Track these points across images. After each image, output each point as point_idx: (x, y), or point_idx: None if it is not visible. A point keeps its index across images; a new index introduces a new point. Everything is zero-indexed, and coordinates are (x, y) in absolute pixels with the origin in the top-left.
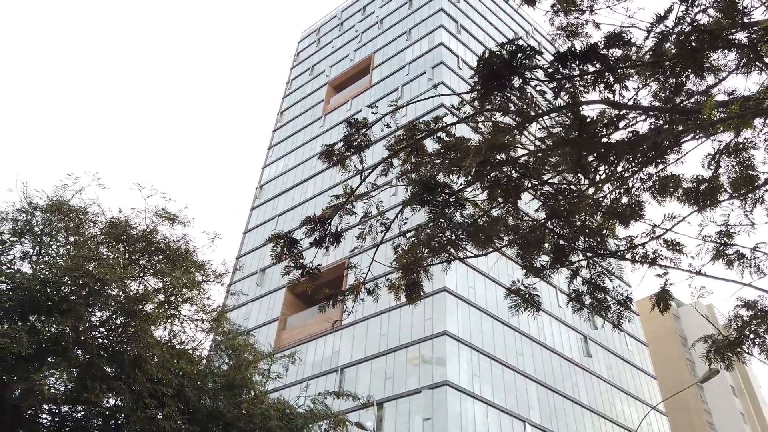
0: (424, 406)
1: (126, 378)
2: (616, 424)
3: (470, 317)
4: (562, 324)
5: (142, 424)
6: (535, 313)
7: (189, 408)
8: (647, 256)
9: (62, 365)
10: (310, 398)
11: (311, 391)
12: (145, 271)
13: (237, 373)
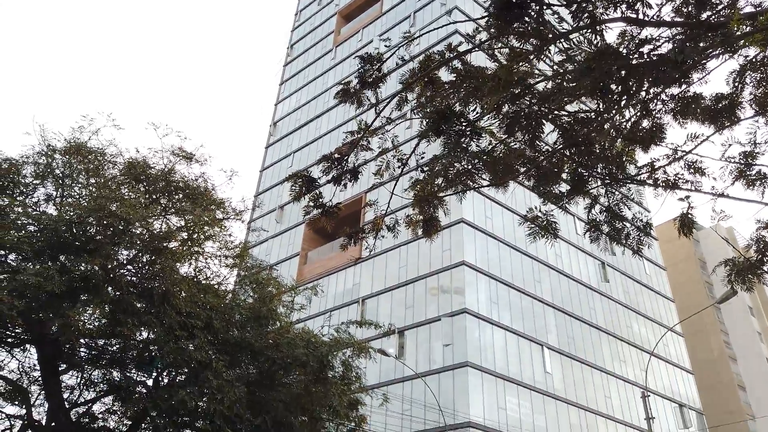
0: (443, 333)
1: (156, 312)
2: (633, 345)
3: (488, 247)
4: (580, 251)
5: (174, 354)
6: (552, 240)
7: (218, 339)
8: (668, 180)
9: (94, 302)
10: (334, 327)
11: (334, 321)
12: (166, 210)
13: (262, 305)
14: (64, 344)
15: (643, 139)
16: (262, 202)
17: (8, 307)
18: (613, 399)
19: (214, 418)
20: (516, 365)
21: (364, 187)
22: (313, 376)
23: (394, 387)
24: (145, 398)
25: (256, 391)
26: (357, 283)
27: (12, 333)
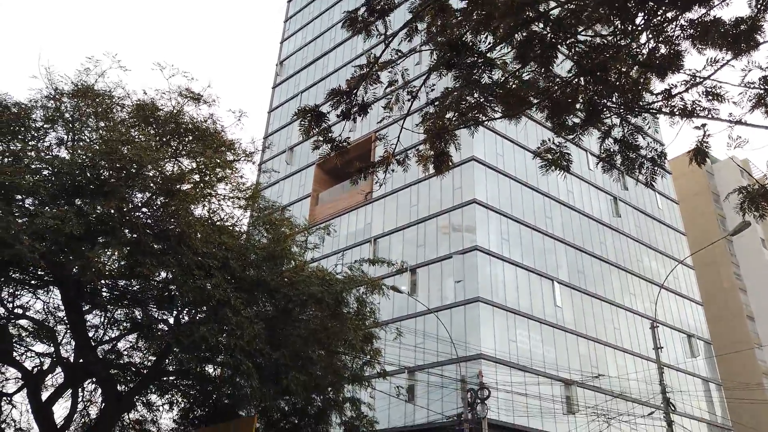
0: (455, 270)
1: (173, 253)
2: (643, 279)
3: (499, 184)
4: (592, 186)
5: (193, 293)
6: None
7: (235, 278)
8: (685, 107)
9: (112, 244)
10: (347, 266)
11: (347, 260)
12: (177, 152)
13: (276, 245)
14: (85, 285)
15: (659, 66)
16: (272, 143)
17: (30, 250)
18: (622, 331)
19: (235, 352)
20: (526, 300)
21: (373, 126)
22: (329, 312)
23: (407, 322)
24: (167, 335)
25: (274, 327)
26: (368, 222)
27: (35, 275)
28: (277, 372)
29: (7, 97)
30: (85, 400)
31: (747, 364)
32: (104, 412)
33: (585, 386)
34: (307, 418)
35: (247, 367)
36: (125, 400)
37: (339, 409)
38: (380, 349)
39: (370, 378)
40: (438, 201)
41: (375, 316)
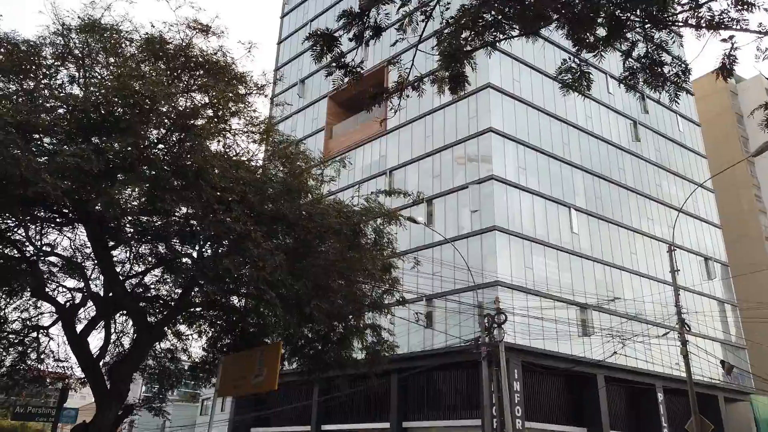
0: (471, 200)
1: (192, 188)
2: (661, 203)
3: (515, 112)
4: (611, 110)
5: (214, 227)
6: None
7: (253, 212)
8: (713, 18)
9: (132, 180)
10: (363, 198)
11: (363, 192)
12: (189, 86)
13: (293, 179)
14: (109, 222)
15: None
16: (283, 75)
17: (53, 188)
18: (638, 255)
19: (258, 283)
20: (543, 227)
21: (386, 56)
22: (347, 243)
23: (424, 252)
24: (192, 268)
25: (295, 259)
26: (384, 155)
27: (60, 213)
28: (299, 301)
29: (16, 35)
30: (117, 332)
31: (764, 285)
32: (137, 342)
33: (600, 309)
34: (330, 344)
35: (270, 297)
36: (156, 330)
37: (360, 335)
38: (399, 278)
39: (389, 306)
40: (453, 130)
41: (393, 246)
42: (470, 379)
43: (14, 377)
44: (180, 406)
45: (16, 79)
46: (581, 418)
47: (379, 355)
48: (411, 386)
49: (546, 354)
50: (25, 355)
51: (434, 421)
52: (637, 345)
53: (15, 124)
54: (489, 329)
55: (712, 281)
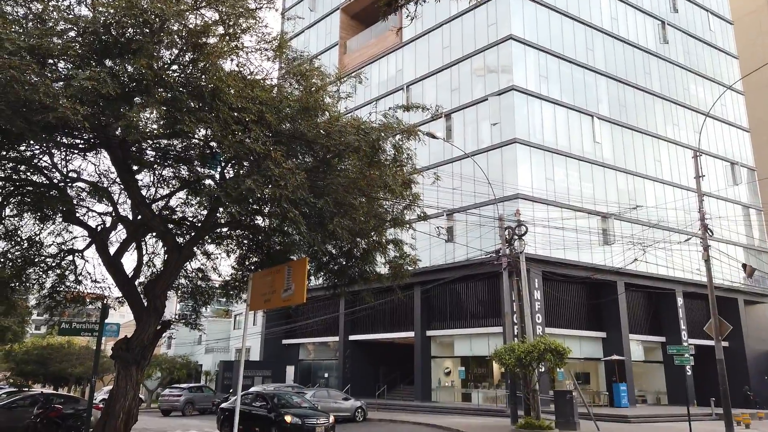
0: (491, 113)
1: (210, 109)
2: (688, 108)
3: (537, 17)
4: (638, 11)
5: (234, 148)
6: None
7: (272, 131)
8: None
9: (149, 103)
10: (381, 114)
11: (380, 108)
12: (198, 3)
13: (309, 96)
14: (131, 146)
15: None
16: None
17: (73, 113)
18: (662, 163)
19: (281, 202)
20: (565, 138)
21: None
22: (367, 161)
23: (444, 167)
24: (216, 189)
25: (315, 178)
26: (400, 69)
27: (82, 138)
28: (322, 219)
29: None
30: (149, 253)
31: None
32: (168, 262)
33: (622, 218)
34: (354, 260)
35: (293, 215)
36: (185, 250)
37: (383, 250)
38: (419, 194)
39: (410, 221)
40: (472, 40)
41: (412, 162)
42: (491, 290)
43: (55, 298)
44: (214, 321)
45: (24, 3)
46: (600, 323)
47: (401, 268)
48: (434, 298)
49: (566, 263)
50: (63, 277)
51: (457, 329)
52: (658, 251)
53: (28, 49)
54: (510, 241)
55: (738, 186)
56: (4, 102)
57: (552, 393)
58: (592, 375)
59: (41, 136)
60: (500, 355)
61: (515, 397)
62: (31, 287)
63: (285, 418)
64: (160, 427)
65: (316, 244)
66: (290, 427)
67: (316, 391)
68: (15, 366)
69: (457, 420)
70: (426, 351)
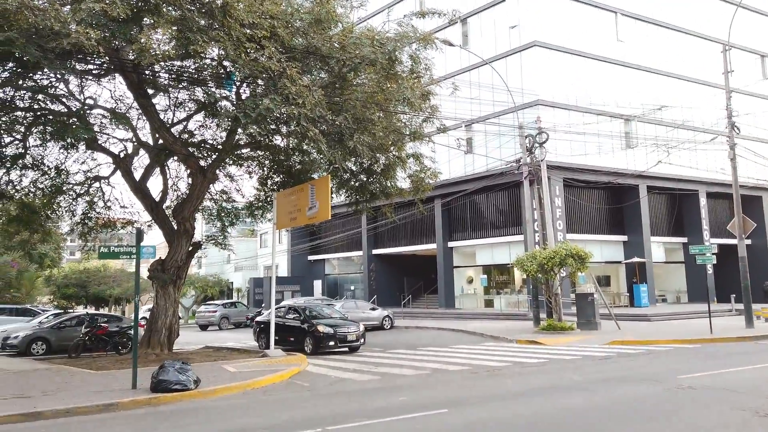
0: (509, 14)
1: (221, 27)
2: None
3: None
4: None
5: (249, 66)
6: None
7: (285, 48)
8: None
9: (160, 23)
10: (396, 22)
11: (394, 16)
12: None
13: (320, 8)
14: (144, 69)
15: None
16: None
17: (86, 38)
18: (689, 59)
19: (300, 120)
20: (586, 39)
21: None
22: (384, 73)
23: (461, 76)
24: (233, 111)
25: (332, 94)
26: None
27: (95, 64)
28: (341, 136)
29: None
30: (173, 177)
31: None
32: (193, 185)
33: (645, 120)
34: (374, 175)
35: (313, 133)
36: (209, 173)
37: (403, 164)
38: (437, 106)
39: (429, 134)
40: None
41: (430, 73)
42: (512, 199)
43: (87, 224)
44: (241, 240)
45: None
46: (622, 227)
47: (422, 182)
48: (455, 209)
49: (587, 169)
50: (93, 203)
51: (478, 239)
52: (682, 152)
53: None
54: (530, 149)
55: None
56: (16, 29)
57: (573, 296)
58: (612, 278)
59: (56, 63)
60: (522, 262)
61: (537, 301)
62: (62, 215)
63: (318, 328)
64: (200, 340)
65: (336, 162)
66: (323, 336)
67: (345, 302)
68: (57, 290)
69: (481, 324)
70: (448, 261)
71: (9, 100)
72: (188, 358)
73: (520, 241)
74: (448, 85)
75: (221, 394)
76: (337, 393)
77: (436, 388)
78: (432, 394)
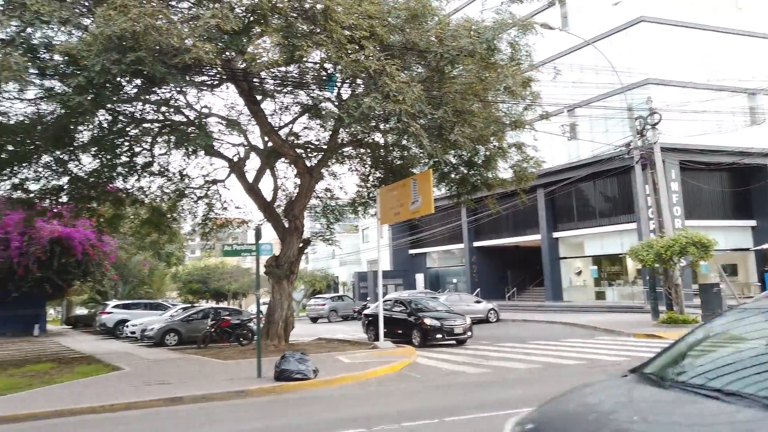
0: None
1: (323, 31)
2: None
3: None
4: None
5: (351, 67)
6: None
7: (384, 46)
8: None
9: (267, 32)
10: (493, 10)
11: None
12: None
13: (416, 3)
14: (254, 77)
15: None
16: None
17: (204, 51)
18: None
19: (401, 116)
20: (699, 8)
21: None
22: (483, 63)
23: (561, 59)
24: (335, 113)
25: (431, 88)
26: None
27: (209, 75)
28: (441, 129)
29: None
30: (281, 177)
31: None
32: (301, 185)
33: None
34: (475, 167)
35: (414, 128)
36: (315, 172)
37: (504, 154)
38: (539, 92)
39: (531, 122)
40: None
41: (531, 59)
42: (621, 186)
43: (207, 224)
44: (344, 236)
45: None
46: (749, 211)
47: (525, 172)
48: (559, 199)
49: (707, 150)
50: (211, 205)
51: (585, 229)
52: None
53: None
54: (641, 132)
55: None
56: (144, 49)
57: (696, 287)
58: (739, 266)
59: (178, 77)
60: (637, 252)
61: (655, 292)
62: (185, 216)
63: (424, 321)
64: (312, 332)
65: (437, 155)
66: (430, 329)
67: (448, 295)
68: (183, 285)
69: (593, 317)
70: (554, 252)
71: (139, 114)
72: (304, 349)
73: (633, 230)
74: (549, 69)
75: (338, 384)
76: (450, 385)
77: (550, 383)
78: (547, 388)
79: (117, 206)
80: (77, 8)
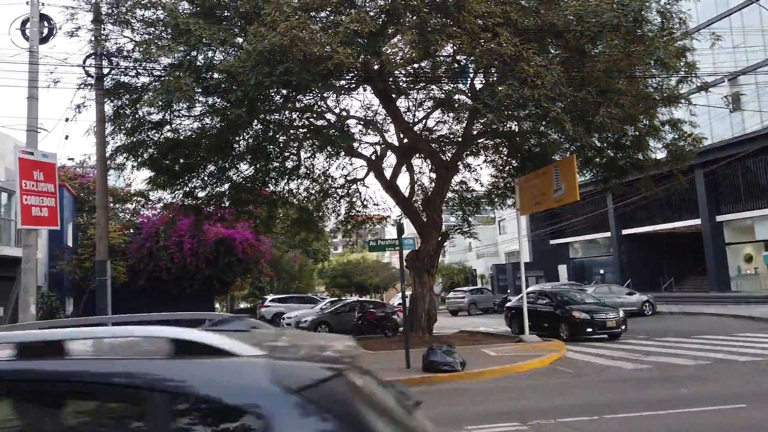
0: None
1: (455, 23)
2: None
3: None
4: None
5: (485, 57)
6: None
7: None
8: None
9: (402, 30)
10: None
11: None
12: None
13: None
14: (389, 76)
15: None
16: None
17: (344, 56)
18: None
19: (540, 102)
20: None
21: None
22: (629, 37)
23: (720, 23)
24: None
25: (571, 69)
26: None
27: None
28: (584, 111)
29: None
30: (418, 173)
31: None
32: (438, 179)
33: None
34: (623, 149)
35: (556, 113)
36: (451, 165)
37: (656, 133)
38: (695, 62)
39: (687, 95)
40: None
41: (685, 26)
42: None
43: (349, 222)
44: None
45: None
46: None
47: (682, 150)
48: (721, 178)
49: None
50: (352, 203)
51: (756, 210)
52: None
53: (299, 6)
54: None
55: None
56: (292, 60)
57: None
58: None
59: (321, 83)
60: None
61: None
62: (329, 215)
63: (573, 314)
64: (453, 325)
65: (580, 139)
66: (579, 323)
67: (597, 287)
68: (329, 280)
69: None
70: (718, 238)
71: (287, 122)
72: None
73: None
74: (706, 36)
75: (487, 377)
76: (606, 381)
77: (723, 380)
78: (719, 386)
79: (270, 208)
80: (232, 29)
